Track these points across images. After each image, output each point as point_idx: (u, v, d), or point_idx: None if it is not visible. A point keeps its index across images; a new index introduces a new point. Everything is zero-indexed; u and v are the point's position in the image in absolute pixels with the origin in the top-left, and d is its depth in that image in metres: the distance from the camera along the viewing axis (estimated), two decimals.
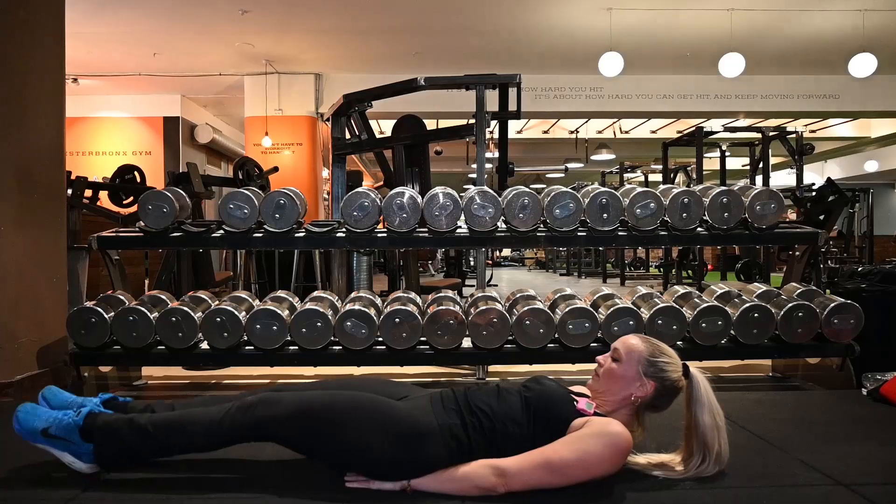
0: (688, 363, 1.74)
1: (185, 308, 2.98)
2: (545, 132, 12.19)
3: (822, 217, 6.95)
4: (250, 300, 3.24)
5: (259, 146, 9.12)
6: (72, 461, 1.74)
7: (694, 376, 1.72)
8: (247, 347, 3.03)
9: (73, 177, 5.11)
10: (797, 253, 3.59)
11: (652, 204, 3.12)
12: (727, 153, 8.86)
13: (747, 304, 3.05)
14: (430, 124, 6.11)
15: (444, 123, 8.84)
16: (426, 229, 3.18)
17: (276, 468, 1.86)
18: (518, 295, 3.31)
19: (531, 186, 5.29)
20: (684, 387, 1.72)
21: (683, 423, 1.74)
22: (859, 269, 3.62)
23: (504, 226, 3.19)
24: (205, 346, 3.05)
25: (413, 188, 3.97)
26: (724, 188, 3.25)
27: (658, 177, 12.11)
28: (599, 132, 12.39)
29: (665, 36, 7.63)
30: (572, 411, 1.66)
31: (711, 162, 9.47)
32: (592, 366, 1.80)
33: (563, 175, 14.23)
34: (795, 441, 2.06)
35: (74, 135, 9.43)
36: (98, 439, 1.72)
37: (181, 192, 3.30)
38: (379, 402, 1.70)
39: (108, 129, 10.20)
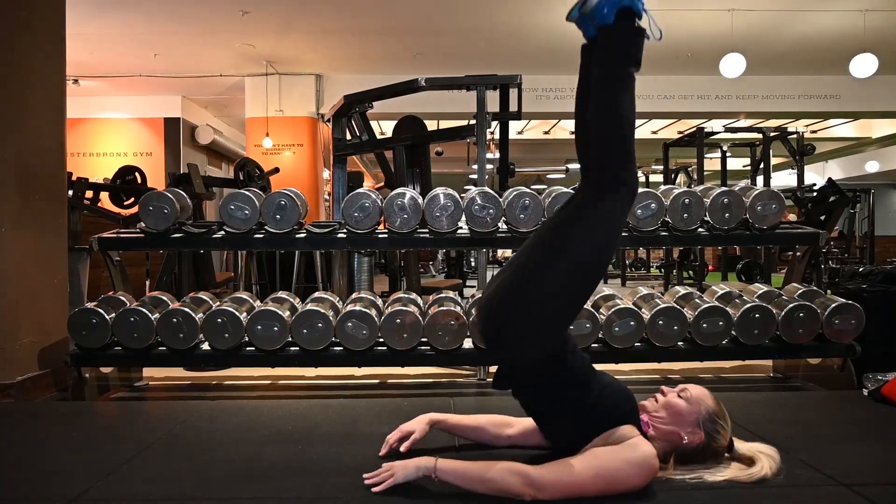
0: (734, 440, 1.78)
1: (186, 309, 2.98)
2: (546, 133, 12.18)
3: (823, 217, 6.93)
4: (251, 301, 3.25)
5: (260, 147, 9.13)
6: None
7: (737, 448, 1.77)
8: (248, 348, 3.03)
9: (73, 178, 5.11)
10: (798, 253, 3.59)
11: (653, 204, 3.12)
12: (728, 153, 8.86)
13: (748, 305, 3.05)
14: (431, 125, 6.11)
15: (445, 124, 8.85)
16: (427, 230, 3.18)
17: (278, 470, 1.86)
18: None
19: (532, 187, 5.29)
20: (725, 457, 1.75)
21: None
22: (860, 270, 3.62)
23: (505, 226, 3.19)
24: (206, 346, 3.05)
25: (414, 189, 3.97)
26: (725, 189, 3.25)
27: (659, 177, 12.11)
28: None
29: (665, 36, 7.50)
30: (633, 415, 1.71)
31: (712, 162, 9.46)
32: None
33: (564, 176, 14.20)
34: (796, 441, 2.06)
35: (75, 136, 9.43)
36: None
37: (182, 193, 3.31)
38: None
39: (109, 130, 10.20)
